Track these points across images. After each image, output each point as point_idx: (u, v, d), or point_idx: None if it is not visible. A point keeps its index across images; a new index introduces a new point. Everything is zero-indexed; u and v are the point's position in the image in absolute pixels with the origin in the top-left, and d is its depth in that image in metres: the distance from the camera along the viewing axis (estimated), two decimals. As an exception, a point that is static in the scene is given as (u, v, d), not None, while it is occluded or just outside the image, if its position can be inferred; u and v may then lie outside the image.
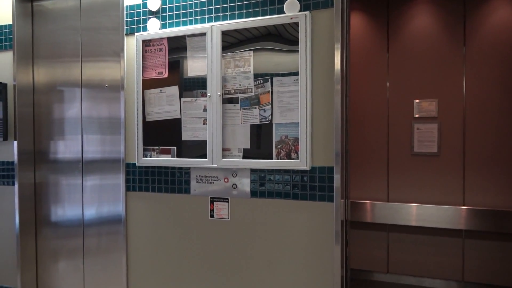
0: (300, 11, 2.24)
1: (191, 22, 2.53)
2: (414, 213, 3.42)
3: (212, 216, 2.49)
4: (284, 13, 2.28)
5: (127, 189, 2.73)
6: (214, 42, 2.41)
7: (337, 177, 2.18)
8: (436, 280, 3.42)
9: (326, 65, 2.21)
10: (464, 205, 3.32)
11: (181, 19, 2.56)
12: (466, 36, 3.35)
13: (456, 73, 3.37)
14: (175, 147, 2.55)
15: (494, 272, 3.23)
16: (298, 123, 2.24)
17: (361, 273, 3.60)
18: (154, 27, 2.60)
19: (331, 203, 2.20)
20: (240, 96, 2.39)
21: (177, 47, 2.54)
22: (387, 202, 3.54)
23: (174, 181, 2.59)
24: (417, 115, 3.49)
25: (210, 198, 2.50)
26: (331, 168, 2.20)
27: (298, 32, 2.23)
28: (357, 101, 3.61)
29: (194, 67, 2.49)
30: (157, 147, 2.60)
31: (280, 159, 2.29)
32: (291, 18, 2.24)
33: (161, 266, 2.64)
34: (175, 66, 2.56)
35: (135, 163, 2.67)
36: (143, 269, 2.69)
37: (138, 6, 2.67)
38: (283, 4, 2.28)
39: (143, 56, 2.62)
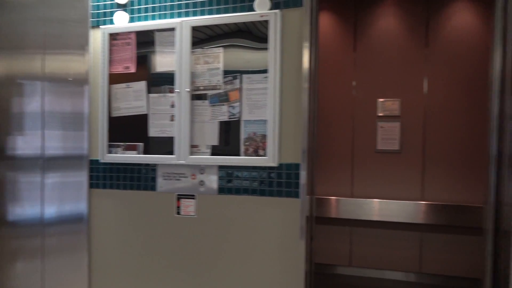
0: (270, 9, 2.26)
1: (160, 17, 2.49)
2: (377, 208, 3.55)
3: (178, 213, 2.48)
4: (254, 11, 2.29)
5: (91, 186, 2.66)
6: (183, 38, 2.39)
7: (303, 174, 2.23)
8: (396, 272, 3.57)
9: (295, 64, 2.25)
10: (423, 200, 3.49)
11: (149, 13, 2.51)
12: (428, 38, 3.49)
13: (418, 73, 3.52)
14: (142, 144, 2.52)
15: (449, 263, 3.41)
16: (266, 120, 2.27)
17: (325, 267, 3.70)
18: (121, 21, 2.54)
19: (298, 199, 2.25)
20: (209, 92, 2.38)
21: (145, 41, 2.50)
22: (351, 198, 3.65)
23: (140, 178, 2.56)
24: (381, 114, 3.61)
25: (177, 195, 2.48)
26: (298, 165, 2.25)
27: (268, 30, 2.25)
28: (325, 99, 3.69)
29: (162, 62, 2.46)
30: (123, 144, 2.55)
31: (248, 156, 2.31)
32: (261, 16, 2.26)
33: (126, 265, 2.60)
34: (143, 61, 2.51)
35: (99, 160, 2.60)
36: (106, 268, 2.64)
37: (104, -3, 2.60)
38: (254, 2, 2.29)
39: (109, 49, 2.56)
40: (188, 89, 2.39)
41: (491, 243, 2.18)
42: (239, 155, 2.32)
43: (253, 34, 2.29)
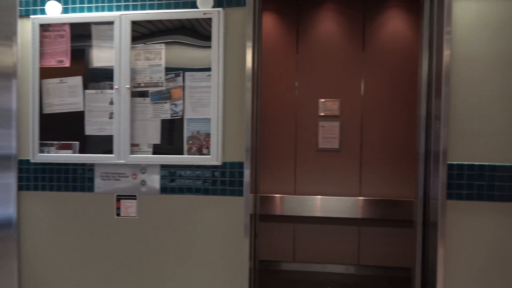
0: (213, 7, 2.25)
1: (97, 9, 2.37)
2: (319, 204, 3.67)
3: (118, 214, 2.38)
4: (197, 7, 2.26)
5: (20, 188, 2.46)
6: (122, 32, 2.29)
7: (247, 172, 2.25)
8: (337, 265, 3.72)
9: (238, 63, 2.26)
10: (360, 196, 3.67)
11: (86, 5, 2.38)
12: (365, 42, 3.68)
13: (356, 75, 3.69)
14: (78, 142, 2.38)
15: (385, 255, 3.63)
16: (210, 118, 2.25)
17: (270, 263, 3.76)
18: (54, 11, 2.38)
19: (241, 197, 2.26)
20: (151, 89, 2.31)
21: (81, 34, 2.36)
22: (294, 195, 3.74)
23: (76, 179, 2.42)
24: (322, 114, 3.74)
25: (117, 195, 2.38)
26: (242, 163, 2.26)
27: (211, 28, 2.23)
28: (268, 98, 3.74)
29: (100, 57, 2.34)
30: (56, 142, 2.40)
31: (192, 154, 2.28)
32: (204, 14, 2.24)
33: (61, 273, 2.44)
34: (79, 55, 2.38)
35: (29, 160, 2.42)
36: (39, 277, 2.46)
37: (34, -15, 2.42)
38: (196, -2, 2.26)
39: (40, 41, 2.39)
40: (128, 86, 2.30)
41: (421, 235, 2.35)
42: (182, 154, 2.28)
43: (197, 32, 2.26)
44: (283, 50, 3.78)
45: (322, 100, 3.74)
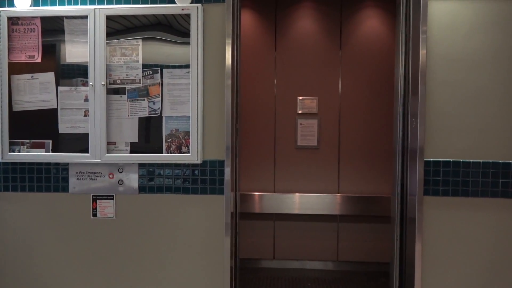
0: (192, 3, 2.21)
1: (70, 2, 2.28)
2: (298, 202, 3.69)
3: (95, 215, 2.31)
4: (175, 3, 2.21)
5: (-11, 189, 2.36)
6: (97, 27, 2.22)
7: (227, 171, 2.23)
8: (316, 261, 3.76)
9: (218, 60, 2.23)
10: (339, 193, 3.71)
11: (57, -2, 2.29)
12: (342, 41, 3.72)
13: (333, 74, 3.73)
14: (50, 141, 2.29)
15: (364, 250, 3.69)
16: (189, 116, 2.21)
17: (250, 261, 3.75)
18: (23, 3, 2.28)
19: (222, 196, 2.24)
20: (127, 86, 2.25)
21: (54, 28, 2.27)
22: (274, 192, 3.75)
23: (50, 179, 2.33)
24: (300, 111, 3.76)
25: (93, 196, 2.31)
26: (222, 162, 2.23)
27: (189, 24, 2.19)
28: (247, 96, 3.72)
29: (74, 52, 2.26)
30: (27, 141, 2.30)
31: (171, 153, 2.23)
32: (182, 10, 2.19)
33: (35, 275, 2.35)
34: (51, 50, 2.29)
35: (-1, 159, 2.31)
36: (11, 280, 2.36)
37: (2, -24, 2.30)
38: (174, -7, 2.21)
39: (9, 35, 2.28)
40: (104, 83, 2.23)
41: (398, 230, 2.39)
42: (161, 153, 2.24)
43: (174, 28, 2.22)
44: (262, 48, 3.77)
45: (301, 98, 3.75)
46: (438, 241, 2.14)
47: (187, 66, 2.21)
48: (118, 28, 2.24)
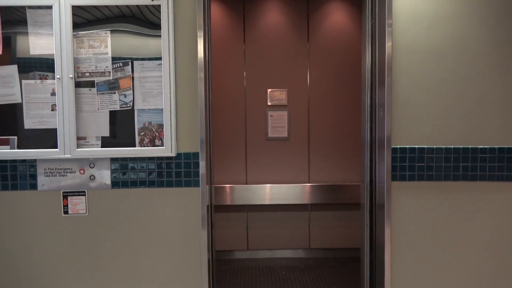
0: (161, -7, 2.17)
1: (32, -8, 2.18)
2: (269, 192, 3.75)
3: (66, 212, 2.25)
4: (144, -7, 2.17)
5: (-52, 189, 2.23)
6: (62, 18, 2.14)
7: (202, 164, 2.23)
8: (288, 250, 3.84)
9: (190, 52, 2.21)
10: (309, 183, 3.80)
11: (18, -13, 2.18)
12: (309, 34, 3.78)
13: (302, 66, 3.79)
14: (15, 137, 2.20)
15: (335, 237, 3.81)
16: (162, 109, 2.19)
17: (224, 253, 3.78)
18: (-20, -7, 2.15)
19: (197, 188, 2.24)
20: (97, 79, 2.20)
21: (15, 19, 2.16)
22: (246, 184, 3.78)
23: (16, 176, 2.23)
24: (270, 104, 3.80)
25: (63, 192, 2.24)
26: (196, 154, 2.23)
27: (160, 15, 2.16)
28: (218, 89, 3.72)
29: (38, 44, 2.17)
30: (-10, 137, 2.19)
31: (144, 146, 2.21)
32: (152, 0, 2.15)
33: (6, 276, 2.25)
34: (13, 41, 2.18)
35: (-41, 157, 2.19)
36: (-24, 283, 2.26)
37: (-45, -37, 2.16)
38: (143, -16, 2.17)
39: (-35, 26, 2.15)
40: (71, 76, 2.16)
41: (368, 216, 2.49)
42: (134, 146, 2.20)
43: (145, 19, 2.18)
44: (231, 40, 3.77)
45: (270, 90, 3.80)
46: (406, 225, 2.26)
47: (159, 59, 2.19)
48: (86, 18, 2.17)
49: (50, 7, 2.14)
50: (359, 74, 2.66)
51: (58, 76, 2.16)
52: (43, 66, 2.18)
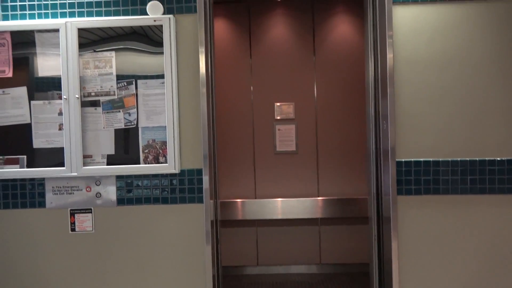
0: (164, 14, 2.23)
1: (40, 16, 2.27)
2: (279, 207, 3.72)
3: (73, 229, 2.28)
4: (147, 14, 2.23)
5: (-39, 208, 2.30)
6: (69, 40, 2.21)
7: (205, 179, 2.24)
8: (299, 266, 3.79)
9: (192, 68, 2.25)
10: (319, 196, 3.76)
11: (27, 11, 2.27)
12: (315, 47, 3.80)
13: (308, 79, 3.80)
14: (25, 156, 2.26)
15: (345, 252, 3.74)
16: (165, 126, 2.23)
17: (233, 269, 3.76)
18: (-8, 19, 2.26)
19: (201, 204, 2.25)
20: (102, 99, 2.25)
21: (25, 43, 2.26)
22: (255, 199, 3.77)
23: (25, 195, 2.29)
24: (278, 117, 3.81)
25: (70, 210, 2.28)
26: (200, 170, 2.24)
27: (163, 34, 2.21)
28: (224, 103, 3.75)
29: (46, 66, 2.25)
30: (1, 157, 2.26)
31: (148, 163, 2.24)
32: (155, 21, 2.21)
33: (11, 293, 2.30)
34: (23, 64, 2.27)
35: (-29, 177, 2.26)
36: (-13, 300, 2.31)
37: (-31, -8, 2.28)
38: (146, 5, 2.23)
39: (-22, 51, 2.25)
40: (78, 96, 2.22)
41: (376, 230, 2.45)
42: (138, 163, 2.24)
43: (149, 37, 2.23)
44: (237, 55, 3.81)
45: (278, 103, 3.81)
46: (414, 239, 2.21)
47: (162, 76, 2.23)
48: (91, 38, 2.24)
49: (57, 31, 2.22)
50: (364, 85, 2.64)
51: (65, 97, 2.22)
52: (51, 86, 2.25)
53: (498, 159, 2.16)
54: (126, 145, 2.26)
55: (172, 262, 2.27)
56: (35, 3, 2.27)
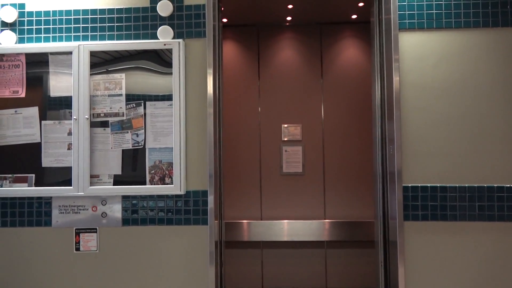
0: (173, 38, 2.28)
1: (54, 39, 2.34)
2: (285, 228, 3.69)
3: (78, 249, 2.29)
4: (158, 38, 2.29)
5: (-31, 225, 2.33)
6: (81, 62, 2.27)
7: (210, 198, 2.24)
8: (305, 289, 3.72)
9: (200, 91, 2.28)
10: (325, 219, 3.73)
11: (42, 35, 2.35)
12: (323, 70, 3.84)
13: (316, 101, 3.82)
14: (33, 175, 2.29)
15: (352, 276, 3.67)
16: (172, 148, 2.25)
17: (238, 291, 3.70)
18: (8, 41, 2.33)
19: (206, 226, 2.24)
20: (111, 119, 2.29)
21: (38, 64, 2.32)
22: (261, 220, 3.75)
23: (32, 213, 2.31)
24: (285, 139, 3.82)
25: (76, 229, 2.29)
26: (205, 192, 2.25)
27: (172, 58, 2.25)
28: (232, 125, 3.78)
29: (58, 87, 2.30)
30: (10, 175, 2.30)
31: (154, 184, 2.25)
32: (164, 45, 2.26)
33: (14, 312, 2.29)
34: (35, 85, 2.32)
35: (-19, 195, 2.30)
36: (-11, 318, 2.30)
37: (-12, 15, 2.36)
38: (157, 29, 2.29)
39: (-7, 72, 2.32)
40: (87, 116, 2.26)
41: (382, 254, 2.41)
42: (144, 184, 2.25)
43: (160, 57, 2.27)
44: (246, 77, 3.87)
45: (285, 125, 3.82)
46: (421, 265, 2.16)
47: (170, 98, 2.26)
48: (104, 58, 2.29)
49: (70, 53, 2.28)
50: (370, 108, 2.65)
51: (75, 117, 2.26)
52: (62, 107, 2.30)
53: (507, 185, 2.13)
54: (133, 165, 2.28)
55: (175, 284, 2.25)
56: (50, 26, 2.34)
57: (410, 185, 2.17)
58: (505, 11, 2.18)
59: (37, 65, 2.32)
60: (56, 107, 2.30)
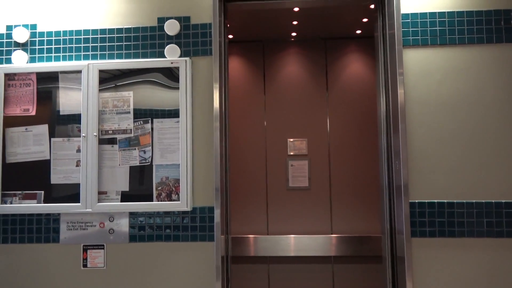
0: (180, 56, 2.33)
1: (64, 58, 2.39)
2: (292, 243, 3.67)
3: (85, 265, 2.30)
4: (165, 57, 2.33)
5: (-21, 242, 2.35)
6: (90, 81, 2.32)
7: (217, 213, 2.24)
8: (312, 305, 3.68)
9: (206, 107, 2.31)
10: (332, 233, 3.70)
11: (53, 54, 2.40)
12: (328, 84, 3.86)
13: (321, 115, 3.84)
14: (42, 192, 2.32)
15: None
16: (179, 164, 2.27)
17: (245, 307, 3.67)
18: (20, 60, 2.39)
19: (212, 243, 2.24)
20: (119, 137, 2.32)
21: (48, 83, 2.37)
22: (267, 235, 3.73)
23: (41, 230, 2.33)
24: (291, 153, 3.83)
25: (83, 245, 2.30)
26: (212, 208, 2.26)
27: (179, 75, 2.29)
28: (238, 139, 3.81)
29: (67, 105, 2.35)
30: (20, 192, 2.33)
31: (161, 201, 2.27)
32: (172, 63, 2.31)
33: (22, 329, 2.30)
34: (45, 103, 2.37)
35: (-10, 211, 2.33)
36: (-3, 335, 2.31)
37: (1, 36, 2.43)
38: (164, 48, 2.33)
39: (5, 90, 2.37)
40: (96, 134, 2.30)
41: (390, 269, 2.38)
42: (151, 201, 2.27)
43: (169, 71, 2.30)
44: (251, 92, 3.90)
45: (291, 139, 3.84)
46: (429, 281, 2.14)
47: (177, 115, 2.29)
48: (113, 73, 2.33)
49: (79, 72, 2.33)
50: (376, 121, 2.66)
51: (83, 134, 2.30)
52: (71, 124, 2.34)
53: (515, 201, 2.12)
54: (140, 182, 2.30)
55: (182, 301, 2.25)
56: (60, 46, 2.40)
57: (417, 201, 2.16)
58: (509, 27, 2.19)
59: (47, 83, 2.37)
60: (64, 122, 2.34)
